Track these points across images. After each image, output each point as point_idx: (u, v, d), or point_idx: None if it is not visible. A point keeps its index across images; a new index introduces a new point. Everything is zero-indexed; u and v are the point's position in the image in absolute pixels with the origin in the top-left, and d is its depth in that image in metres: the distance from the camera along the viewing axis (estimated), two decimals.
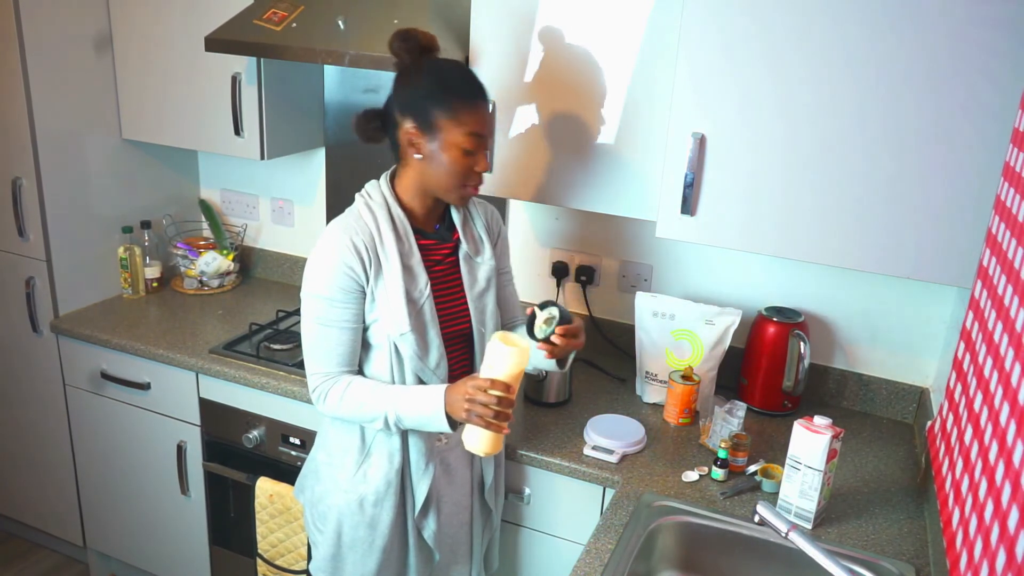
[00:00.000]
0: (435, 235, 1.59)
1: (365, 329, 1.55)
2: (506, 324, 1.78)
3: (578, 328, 1.51)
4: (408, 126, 1.48)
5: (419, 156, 1.50)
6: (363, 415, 1.53)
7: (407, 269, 1.52)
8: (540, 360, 1.58)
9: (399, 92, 1.50)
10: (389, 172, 1.58)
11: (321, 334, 1.52)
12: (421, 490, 1.60)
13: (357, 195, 1.57)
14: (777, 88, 1.60)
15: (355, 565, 1.64)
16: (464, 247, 1.61)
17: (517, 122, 1.91)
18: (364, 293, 1.51)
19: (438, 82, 1.47)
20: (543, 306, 1.50)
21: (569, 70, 1.84)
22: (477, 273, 1.62)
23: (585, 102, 1.84)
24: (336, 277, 1.48)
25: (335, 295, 1.49)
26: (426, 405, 1.48)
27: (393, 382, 1.55)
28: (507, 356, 1.40)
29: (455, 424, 1.48)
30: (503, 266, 1.74)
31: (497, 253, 1.68)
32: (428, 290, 1.54)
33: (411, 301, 1.51)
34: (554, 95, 1.87)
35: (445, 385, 1.48)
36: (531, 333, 1.50)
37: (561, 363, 1.62)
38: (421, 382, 1.55)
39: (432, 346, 1.55)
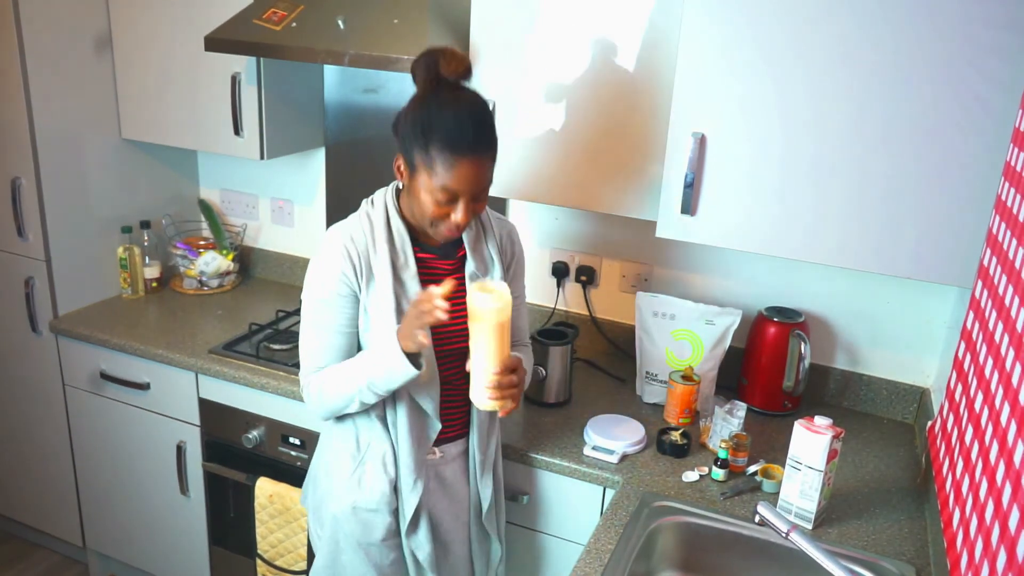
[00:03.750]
0: (437, 249, 1.54)
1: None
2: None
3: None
4: (398, 152, 1.44)
5: (401, 185, 1.49)
6: (341, 395, 1.49)
7: (399, 281, 1.48)
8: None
9: (401, 114, 1.42)
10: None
11: (315, 336, 1.52)
12: (409, 506, 1.56)
13: (364, 200, 1.55)
14: (777, 88, 1.60)
15: (353, 574, 1.62)
16: (471, 265, 1.55)
17: (517, 122, 1.91)
18: (358, 299, 1.49)
19: (426, 122, 1.37)
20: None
21: (569, 70, 1.83)
22: None
23: (585, 101, 1.84)
24: (330, 281, 1.48)
25: (329, 298, 1.49)
26: (383, 354, 1.43)
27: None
28: (486, 303, 1.35)
29: (419, 364, 1.42)
30: (514, 290, 1.66)
31: (510, 276, 1.63)
32: None
33: (402, 312, 1.47)
34: (554, 94, 1.87)
35: (397, 326, 1.43)
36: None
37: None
38: (413, 400, 1.52)
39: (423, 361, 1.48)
